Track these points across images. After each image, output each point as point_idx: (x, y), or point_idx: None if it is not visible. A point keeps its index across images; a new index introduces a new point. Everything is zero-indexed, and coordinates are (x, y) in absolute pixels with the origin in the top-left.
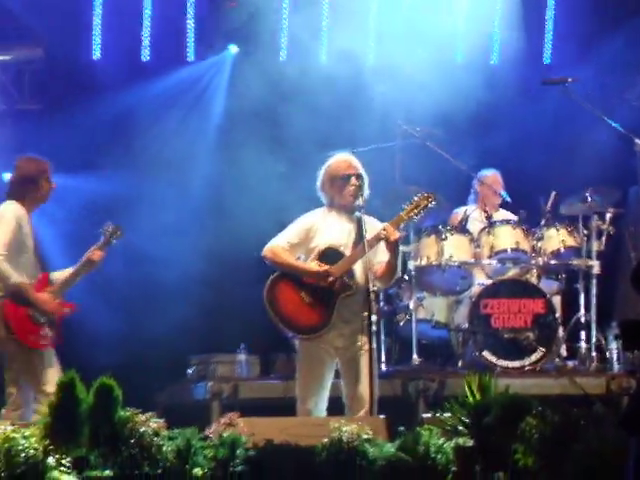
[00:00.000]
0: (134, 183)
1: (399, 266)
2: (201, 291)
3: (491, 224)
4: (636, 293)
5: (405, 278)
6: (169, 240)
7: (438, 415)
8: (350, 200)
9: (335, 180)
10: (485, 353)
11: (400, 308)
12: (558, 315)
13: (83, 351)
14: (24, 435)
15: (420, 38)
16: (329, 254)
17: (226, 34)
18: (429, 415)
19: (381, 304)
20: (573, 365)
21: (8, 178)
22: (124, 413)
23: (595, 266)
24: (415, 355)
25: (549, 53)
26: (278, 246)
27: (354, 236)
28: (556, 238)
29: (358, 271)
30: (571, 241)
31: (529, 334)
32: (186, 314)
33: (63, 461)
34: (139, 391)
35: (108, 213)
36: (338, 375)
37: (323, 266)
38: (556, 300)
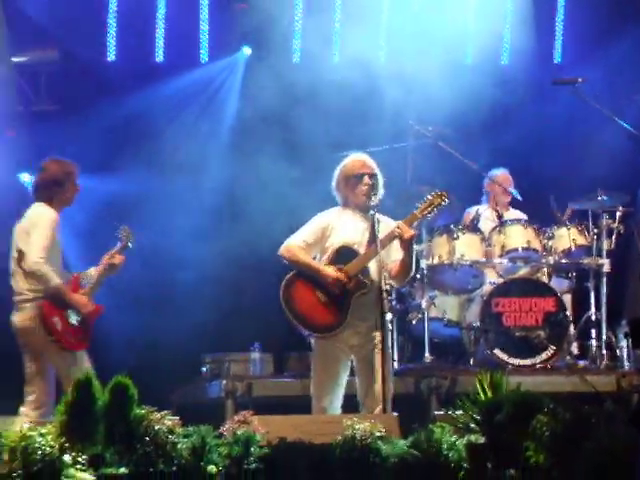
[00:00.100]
0: (149, 184)
1: (413, 264)
2: (215, 291)
3: (502, 223)
4: None
5: (417, 277)
6: (183, 240)
7: (450, 412)
8: (363, 199)
9: (349, 179)
10: (496, 351)
11: (412, 307)
12: (569, 313)
13: (99, 350)
14: (40, 433)
15: (431, 39)
16: (343, 253)
17: (239, 36)
18: (441, 412)
19: (393, 302)
20: (584, 363)
21: (34, 180)
22: (139, 411)
23: (605, 265)
24: (427, 353)
25: (559, 53)
26: (295, 245)
27: (368, 235)
28: (567, 237)
29: (372, 269)
30: (581, 240)
31: (540, 332)
32: (200, 314)
33: (79, 459)
34: (154, 389)
35: (123, 213)
36: (353, 373)
37: (339, 272)
38: (567, 298)
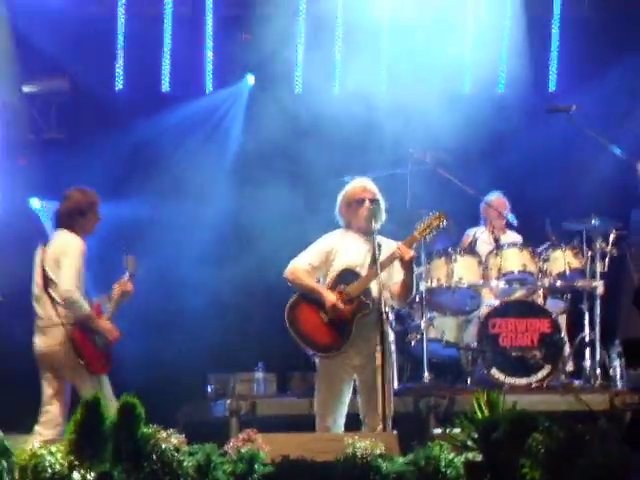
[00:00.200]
0: (156, 210)
1: (414, 284)
2: (220, 314)
3: (499, 247)
4: (638, 312)
5: (416, 299)
6: (189, 264)
7: (448, 431)
8: (364, 223)
9: (351, 203)
10: (493, 371)
11: (412, 328)
12: (564, 334)
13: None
14: (50, 451)
15: (429, 70)
16: (346, 275)
17: (242, 66)
18: (439, 431)
19: (393, 324)
20: (578, 382)
21: (57, 207)
22: (146, 430)
23: (599, 287)
24: (426, 373)
25: (554, 81)
26: (300, 268)
27: (370, 257)
28: (561, 260)
29: (374, 291)
30: (576, 263)
31: (536, 352)
32: (206, 335)
33: (88, 476)
34: (161, 408)
35: (131, 240)
36: (355, 392)
37: (340, 297)
38: (562, 319)
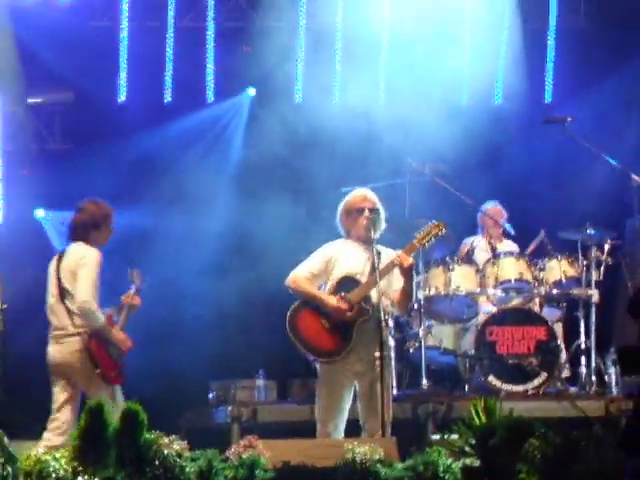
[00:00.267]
0: (159, 220)
1: (414, 292)
2: (221, 322)
3: (496, 256)
4: (633, 321)
5: (414, 307)
6: (191, 275)
7: (446, 437)
8: (363, 232)
9: (351, 212)
10: (491, 378)
11: (410, 335)
12: (560, 341)
13: None
14: (55, 457)
15: (428, 82)
16: (346, 282)
17: (243, 78)
18: (438, 437)
19: (392, 331)
20: (574, 389)
21: (71, 219)
22: (149, 436)
23: (594, 295)
24: (424, 380)
25: (550, 93)
26: (300, 276)
27: (370, 265)
28: (557, 269)
29: (374, 298)
30: (571, 271)
31: (532, 360)
32: (208, 343)
33: None
34: (164, 415)
35: (133, 249)
36: (355, 398)
37: (341, 301)
38: (558, 327)
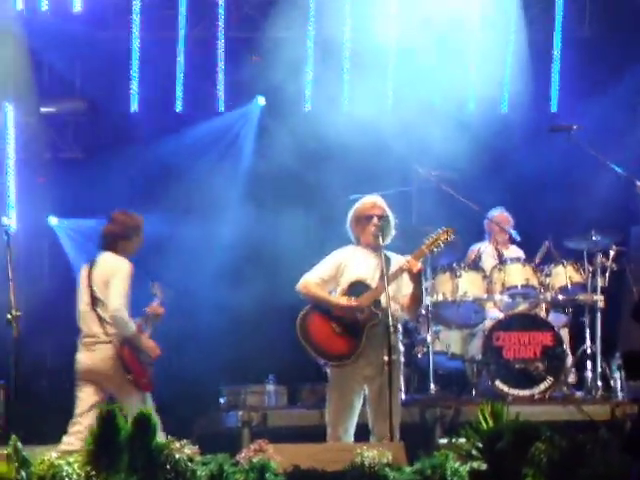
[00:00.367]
0: (172, 228)
1: (423, 296)
2: (232, 329)
3: (502, 262)
4: (637, 326)
5: (422, 313)
6: (202, 281)
7: (454, 440)
8: (372, 238)
9: (360, 219)
10: (497, 382)
11: (418, 341)
12: (565, 346)
13: None
14: (68, 462)
15: (435, 91)
16: (356, 287)
17: (253, 87)
18: (445, 440)
19: (401, 336)
20: (580, 393)
21: (102, 229)
22: (160, 441)
23: (600, 301)
24: (432, 385)
25: (555, 102)
26: (311, 281)
27: (379, 271)
28: (563, 274)
29: (384, 303)
30: (577, 277)
31: (538, 364)
32: (219, 350)
33: None
34: (176, 420)
35: (145, 256)
36: (364, 402)
37: (351, 301)
38: (564, 332)
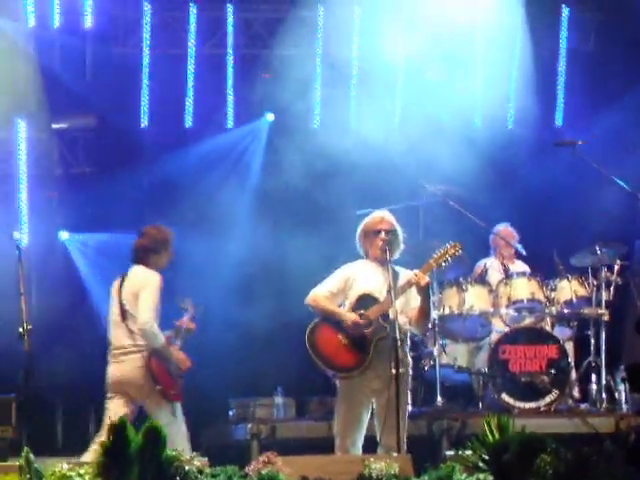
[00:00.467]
0: (180, 242)
1: (431, 310)
2: (241, 343)
3: (508, 276)
4: None
5: (429, 326)
6: (211, 295)
7: (460, 453)
8: (379, 253)
9: (368, 234)
10: (503, 395)
11: (425, 354)
12: (571, 360)
13: None
14: (79, 473)
15: (441, 106)
16: (365, 300)
17: (262, 103)
18: (452, 453)
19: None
20: (585, 406)
21: (133, 243)
22: (170, 453)
23: (604, 314)
24: (439, 397)
25: (560, 117)
26: (320, 294)
27: (388, 285)
28: (568, 289)
29: (391, 316)
30: (582, 291)
31: (544, 377)
32: (228, 363)
33: None
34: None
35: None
36: (372, 414)
37: (358, 318)
38: (569, 346)
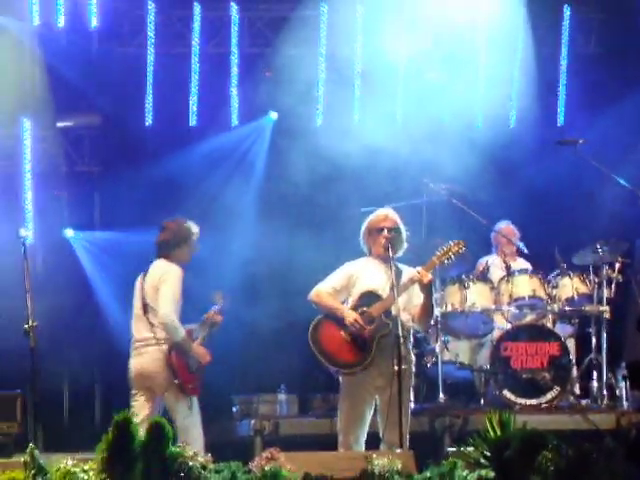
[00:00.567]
0: None
1: (434, 307)
2: (245, 339)
3: (510, 273)
4: None
5: (431, 323)
6: (214, 290)
7: (462, 449)
8: (382, 250)
9: (371, 231)
10: (505, 392)
11: (427, 351)
12: (572, 357)
13: None
14: (83, 469)
15: (444, 106)
16: (368, 297)
17: (266, 101)
18: (454, 449)
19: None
20: (586, 402)
21: (156, 237)
22: (174, 449)
23: (606, 312)
24: (441, 394)
25: (562, 116)
26: (323, 291)
27: (391, 282)
28: (570, 286)
29: (394, 314)
30: (583, 289)
31: (545, 374)
32: (231, 359)
33: None
34: None
35: None
36: (375, 410)
37: (360, 315)
38: (570, 343)
